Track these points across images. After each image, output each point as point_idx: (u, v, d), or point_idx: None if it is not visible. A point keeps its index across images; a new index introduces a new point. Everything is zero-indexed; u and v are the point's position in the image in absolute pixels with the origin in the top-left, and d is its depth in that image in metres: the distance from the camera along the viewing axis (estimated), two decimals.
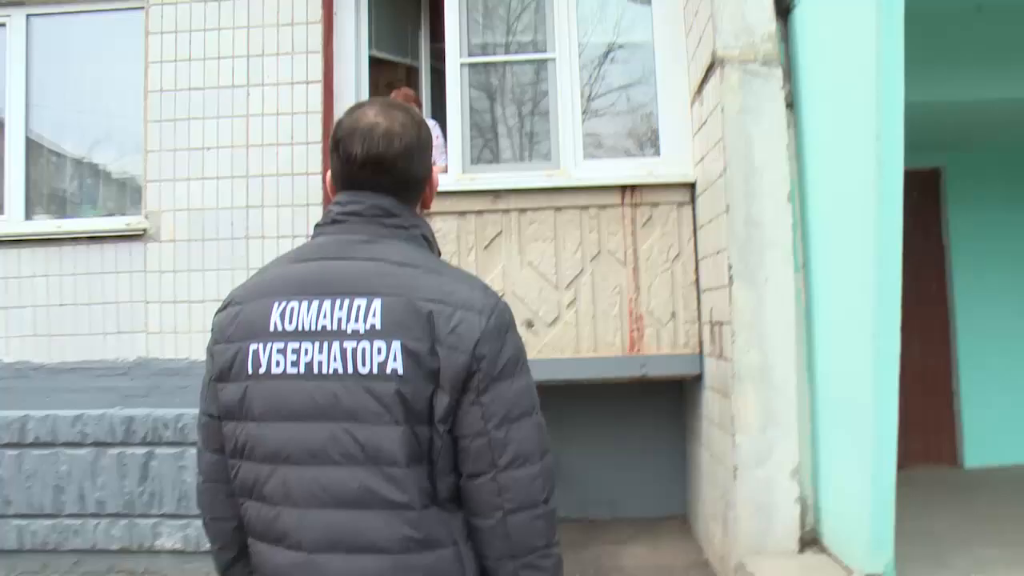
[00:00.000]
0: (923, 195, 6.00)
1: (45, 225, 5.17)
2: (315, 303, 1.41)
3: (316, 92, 4.96)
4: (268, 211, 4.93)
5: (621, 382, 4.99)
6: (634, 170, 4.95)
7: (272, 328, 1.42)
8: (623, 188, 4.89)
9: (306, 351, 1.39)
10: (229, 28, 4.99)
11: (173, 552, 4.78)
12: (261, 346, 1.42)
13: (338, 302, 1.40)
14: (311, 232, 4.52)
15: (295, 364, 1.40)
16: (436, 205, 4.83)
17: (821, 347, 3.90)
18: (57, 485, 4.91)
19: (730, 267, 3.97)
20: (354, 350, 1.37)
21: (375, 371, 1.36)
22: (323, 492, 1.37)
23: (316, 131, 4.93)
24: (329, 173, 1.59)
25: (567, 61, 5.00)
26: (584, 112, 5.19)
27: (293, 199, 4.92)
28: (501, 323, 1.42)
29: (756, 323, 3.92)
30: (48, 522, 4.91)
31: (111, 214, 5.25)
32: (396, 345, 1.36)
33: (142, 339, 4.94)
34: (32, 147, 5.31)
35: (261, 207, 4.94)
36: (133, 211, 5.18)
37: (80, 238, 5.04)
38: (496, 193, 4.98)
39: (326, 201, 4.91)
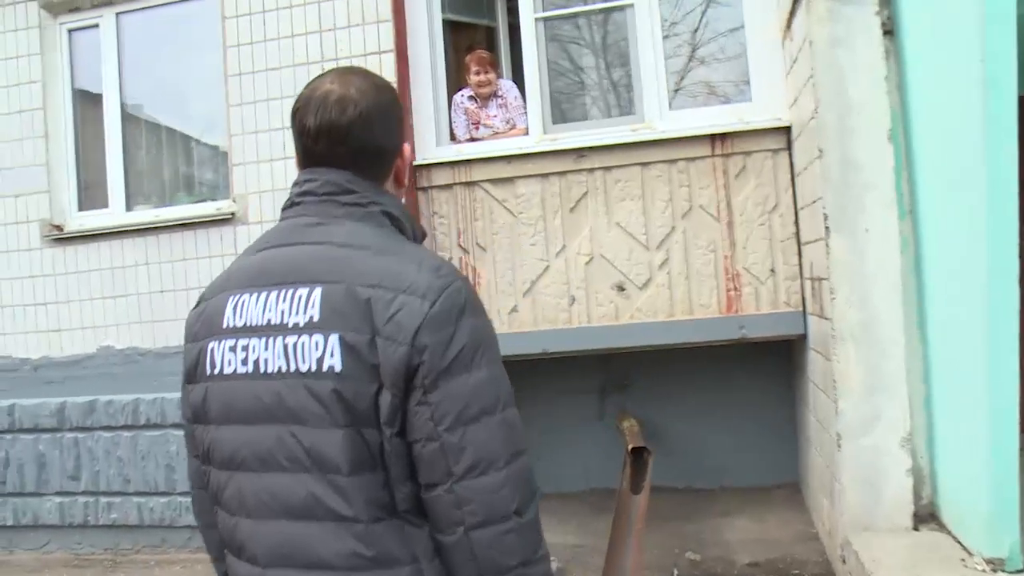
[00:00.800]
0: None
1: (144, 215, 5.36)
2: (262, 295, 1.30)
3: (389, 62, 4.85)
4: None
5: (721, 345, 4.70)
6: (723, 117, 4.59)
7: (225, 325, 1.33)
8: (712, 137, 4.55)
9: (253, 348, 1.28)
10: (300, 5, 4.95)
11: None
12: (216, 344, 1.33)
13: (282, 293, 1.28)
14: None
15: (244, 362, 1.29)
16: (517, 168, 4.71)
17: (933, 301, 3.48)
18: (169, 464, 5.13)
19: (826, 216, 3.60)
20: (295, 345, 1.25)
21: (313, 368, 1.23)
22: (273, 501, 1.26)
23: None
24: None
25: (646, 6, 4.67)
26: (668, 60, 4.86)
27: None
28: (450, 307, 1.24)
29: (856, 277, 3.55)
30: (163, 499, 5.15)
31: (203, 200, 5.38)
32: (334, 338, 1.22)
33: None
34: (129, 141, 5.50)
35: None
36: (223, 195, 5.28)
37: (175, 226, 5.19)
38: (579, 152, 4.76)
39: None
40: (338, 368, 1.21)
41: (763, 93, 4.52)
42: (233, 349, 1.30)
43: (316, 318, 1.24)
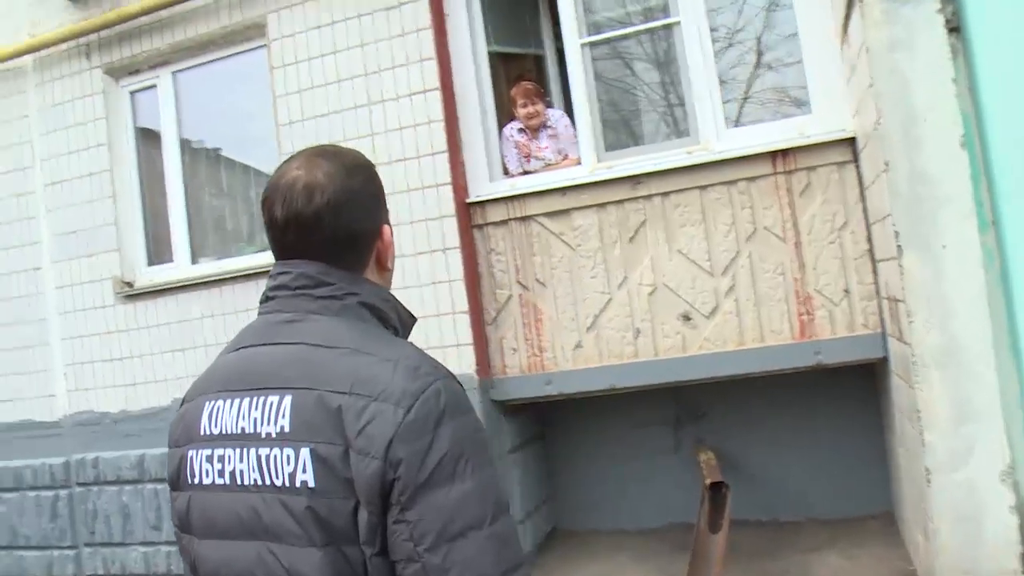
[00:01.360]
0: None
1: (208, 267, 5.44)
2: (236, 401, 1.21)
3: (435, 99, 4.79)
4: (404, 228, 4.84)
5: (792, 374, 4.43)
6: (783, 132, 4.35)
7: (202, 432, 1.25)
8: (773, 155, 4.32)
9: (229, 459, 1.20)
10: (344, 49, 4.95)
11: None
12: (194, 453, 1.25)
13: (254, 400, 1.19)
14: (446, 246, 4.30)
15: (221, 473, 1.21)
16: (572, 200, 4.57)
17: None
18: None
19: (896, 234, 3.34)
20: (267, 458, 1.15)
21: (287, 483, 1.13)
22: None
23: (440, 140, 4.77)
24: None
25: (694, 23, 4.48)
26: (733, 69, 4.66)
27: (426, 213, 4.80)
28: (427, 413, 1.12)
29: (935, 298, 3.27)
30: None
31: (264, 250, 5.42)
32: (305, 452, 1.12)
33: None
34: (191, 196, 5.61)
35: (397, 225, 4.83)
36: None
37: (238, 276, 5.23)
38: (635, 179, 4.59)
39: (460, 213, 4.79)
40: (311, 484, 1.12)
41: (823, 104, 4.26)
42: (210, 459, 1.22)
43: (287, 429, 1.15)
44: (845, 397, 4.90)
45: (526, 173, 4.95)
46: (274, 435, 1.15)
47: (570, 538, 5.33)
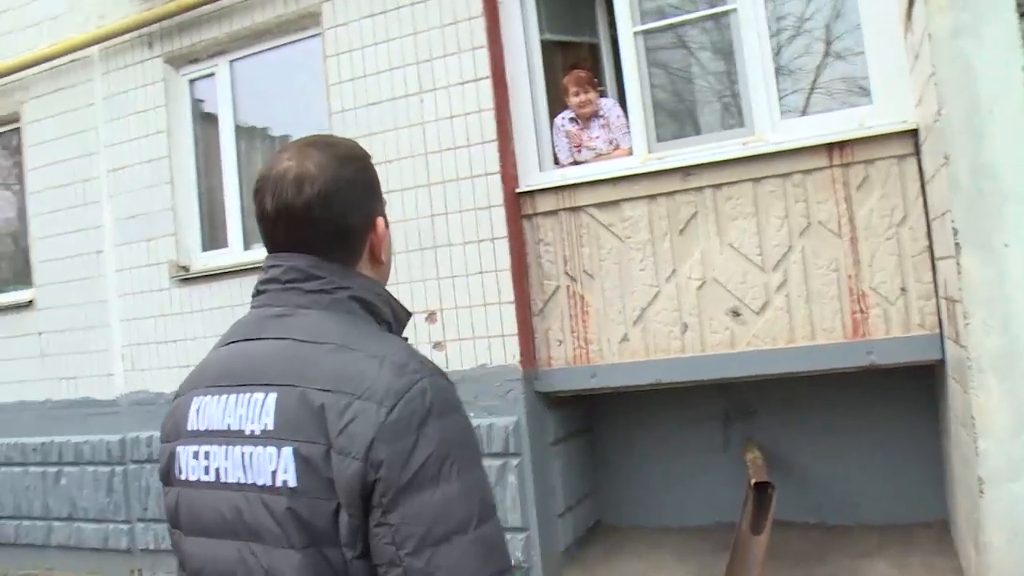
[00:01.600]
0: None
1: (261, 253, 5.42)
2: (222, 398, 1.20)
3: (486, 88, 4.76)
4: (452, 217, 4.83)
5: (847, 372, 4.29)
6: (841, 124, 4.20)
7: (189, 427, 1.24)
8: (830, 147, 4.17)
9: (214, 455, 1.19)
10: (397, 38, 4.95)
11: None
12: (182, 448, 1.25)
13: (240, 397, 1.18)
14: (494, 235, 4.28)
15: (206, 471, 1.20)
16: (623, 191, 4.50)
17: None
18: None
19: (955, 231, 3.19)
20: (250, 456, 1.14)
21: (269, 483, 1.11)
22: None
23: (490, 129, 4.74)
24: None
25: (751, 9, 4.36)
26: (787, 67, 4.52)
27: (475, 202, 4.78)
28: (410, 413, 1.08)
29: (995, 300, 3.11)
30: None
31: None
32: (287, 451, 1.10)
33: None
34: (245, 183, 5.69)
35: (445, 214, 4.85)
36: None
37: None
38: (686, 170, 4.49)
39: (509, 202, 4.76)
40: (292, 483, 1.09)
41: (884, 94, 4.10)
42: (196, 456, 1.22)
43: (270, 427, 1.13)
44: (900, 399, 4.74)
45: (576, 163, 4.89)
46: (258, 433, 1.14)
47: (613, 533, 5.27)
